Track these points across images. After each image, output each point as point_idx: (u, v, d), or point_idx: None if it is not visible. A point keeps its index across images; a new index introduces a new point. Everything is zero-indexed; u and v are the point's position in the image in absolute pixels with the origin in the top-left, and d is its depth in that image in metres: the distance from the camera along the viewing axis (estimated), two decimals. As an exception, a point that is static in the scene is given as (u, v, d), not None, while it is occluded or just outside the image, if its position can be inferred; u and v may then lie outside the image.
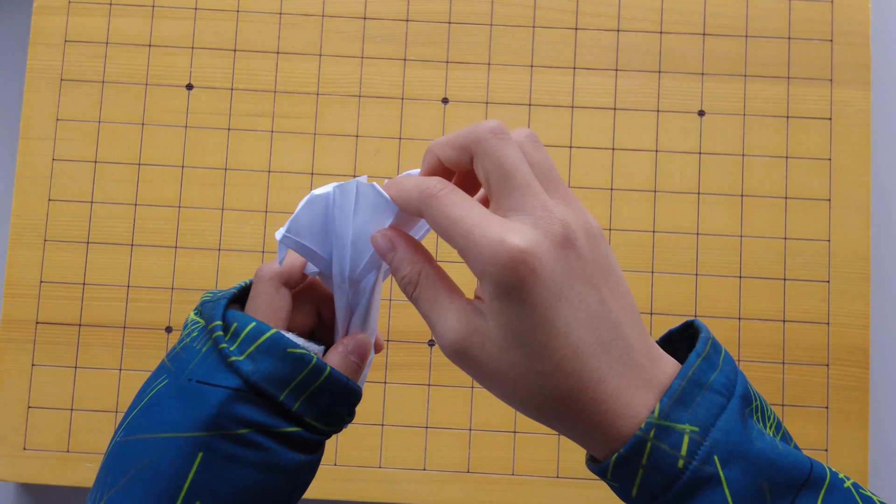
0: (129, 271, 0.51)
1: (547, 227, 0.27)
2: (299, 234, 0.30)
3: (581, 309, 0.27)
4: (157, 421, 0.29)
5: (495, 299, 0.27)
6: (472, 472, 0.49)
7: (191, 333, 0.31)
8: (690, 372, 0.28)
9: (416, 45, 0.53)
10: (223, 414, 0.29)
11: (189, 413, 0.29)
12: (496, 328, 0.27)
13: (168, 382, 0.30)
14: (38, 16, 0.53)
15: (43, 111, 0.52)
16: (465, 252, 0.27)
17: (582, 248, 0.28)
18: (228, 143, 0.52)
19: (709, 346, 0.28)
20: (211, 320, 0.30)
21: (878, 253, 0.55)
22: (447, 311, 0.28)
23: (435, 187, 0.28)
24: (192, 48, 0.53)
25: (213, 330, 0.30)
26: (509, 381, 0.28)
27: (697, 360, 0.28)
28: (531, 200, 0.27)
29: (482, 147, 0.28)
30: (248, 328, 0.30)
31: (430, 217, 0.28)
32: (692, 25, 0.53)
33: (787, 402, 0.50)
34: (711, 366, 0.28)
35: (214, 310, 0.31)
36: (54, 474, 0.50)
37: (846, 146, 0.51)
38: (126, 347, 0.50)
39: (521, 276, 0.26)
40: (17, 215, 0.51)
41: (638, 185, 0.51)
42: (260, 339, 0.30)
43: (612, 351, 0.27)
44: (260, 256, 0.51)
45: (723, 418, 0.27)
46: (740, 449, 0.27)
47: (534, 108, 0.52)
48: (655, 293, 0.51)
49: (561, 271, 0.27)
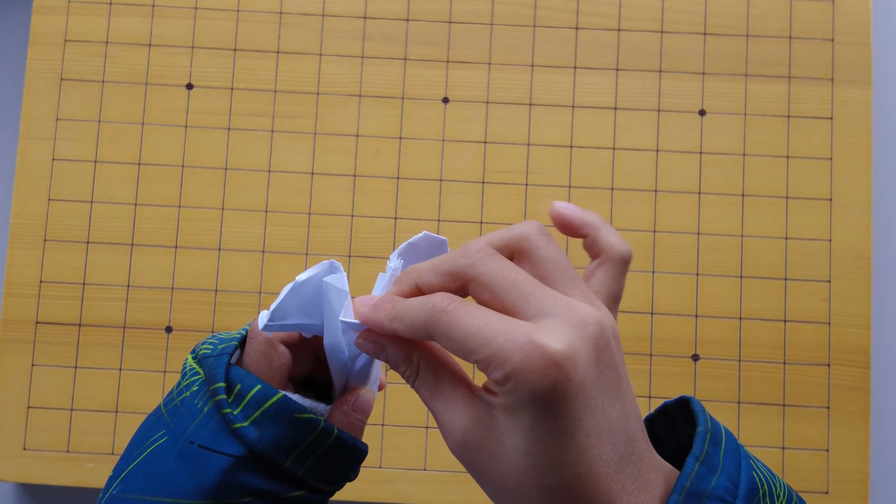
0: (129, 271, 0.51)
1: (582, 329, 0.24)
2: (285, 317, 0.28)
3: (604, 422, 0.24)
4: (157, 483, 0.28)
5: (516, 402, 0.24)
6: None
7: (190, 387, 0.30)
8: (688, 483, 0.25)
9: (417, 45, 0.52)
10: (226, 483, 0.28)
11: (191, 479, 0.27)
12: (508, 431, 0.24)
13: (167, 441, 0.28)
14: (37, 15, 0.53)
15: (43, 111, 0.52)
16: (489, 361, 0.24)
17: (612, 350, 0.25)
18: (228, 142, 0.52)
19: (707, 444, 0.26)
20: (213, 380, 0.29)
21: (879, 253, 0.55)
22: (451, 403, 0.26)
23: (442, 302, 0.25)
24: (192, 48, 0.52)
25: (216, 392, 0.28)
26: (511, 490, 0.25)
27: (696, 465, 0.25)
28: (555, 303, 0.25)
29: (477, 270, 0.25)
30: (252, 391, 0.28)
31: (444, 335, 0.24)
32: (693, 25, 0.52)
33: (787, 402, 0.50)
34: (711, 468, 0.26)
35: (217, 368, 0.29)
36: (54, 474, 0.50)
37: (847, 146, 0.51)
38: (126, 347, 0.50)
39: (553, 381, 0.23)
40: (17, 215, 0.51)
41: (638, 184, 0.51)
42: (266, 405, 0.28)
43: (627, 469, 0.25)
44: (260, 256, 0.51)
45: None
46: None
47: (534, 108, 0.52)
48: (656, 293, 0.50)
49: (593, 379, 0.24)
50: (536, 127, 0.52)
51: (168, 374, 0.50)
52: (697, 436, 0.26)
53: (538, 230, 0.26)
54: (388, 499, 0.48)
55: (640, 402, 0.49)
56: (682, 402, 0.28)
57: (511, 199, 0.51)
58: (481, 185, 0.52)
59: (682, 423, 0.28)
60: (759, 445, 0.49)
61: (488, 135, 0.52)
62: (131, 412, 0.50)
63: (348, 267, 0.51)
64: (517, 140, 0.52)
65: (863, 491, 0.49)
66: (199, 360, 0.30)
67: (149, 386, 0.50)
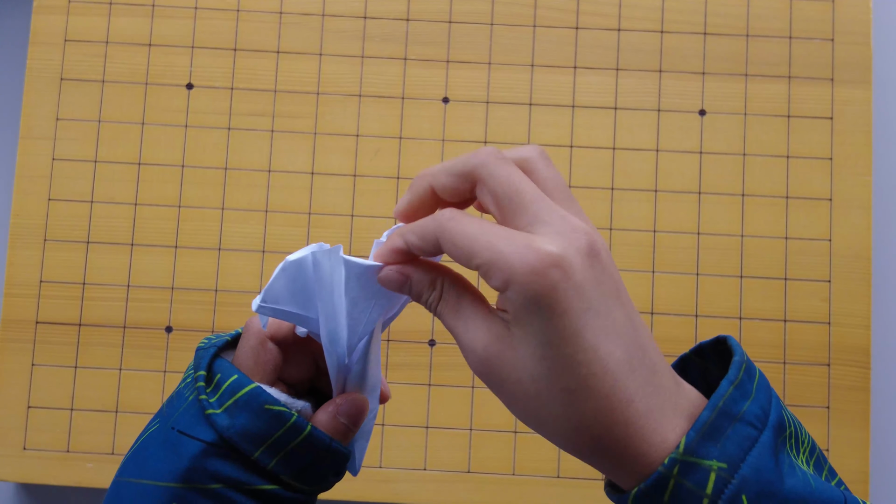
0: (129, 271, 0.51)
1: (573, 237, 0.25)
2: (277, 300, 0.29)
3: (609, 322, 0.25)
4: (142, 466, 0.29)
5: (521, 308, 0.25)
6: (472, 472, 0.49)
7: (185, 379, 0.31)
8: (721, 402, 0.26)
9: (417, 45, 0.52)
10: (196, 468, 0.29)
11: (168, 463, 0.29)
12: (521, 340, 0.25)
13: (158, 428, 0.30)
14: (38, 15, 0.53)
15: (43, 110, 0.52)
16: (490, 265, 0.25)
17: (605, 261, 0.26)
18: (228, 142, 0.52)
19: (742, 372, 0.26)
20: (197, 369, 0.30)
21: (879, 253, 0.55)
22: (472, 321, 0.27)
23: (449, 213, 0.26)
24: (192, 48, 0.52)
25: (197, 379, 0.30)
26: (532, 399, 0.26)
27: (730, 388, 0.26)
28: (550, 213, 0.26)
29: (487, 170, 0.26)
30: (229, 381, 0.29)
31: (450, 240, 0.26)
32: (693, 25, 0.53)
33: (788, 402, 0.50)
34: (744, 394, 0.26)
35: (202, 358, 0.30)
36: (54, 474, 0.50)
37: (847, 146, 0.51)
38: (126, 347, 0.50)
39: (552, 282, 0.25)
40: (17, 215, 0.51)
41: (639, 184, 0.51)
42: (239, 393, 0.29)
43: (640, 370, 0.25)
44: (260, 256, 0.51)
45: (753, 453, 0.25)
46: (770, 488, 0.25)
47: (534, 108, 0.52)
48: (656, 293, 0.50)
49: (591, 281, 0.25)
50: (536, 127, 0.52)
51: (168, 373, 0.50)
52: (733, 364, 0.26)
53: (540, 153, 0.28)
54: (388, 499, 0.48)
55: (640, 402, 0.50)
56: (719, 342, 0.28)
57: (511, 199, 0.51)
58: (481, 185, 0.52)
59: (714, 366, 0.28)
60: (759, 445, 0.49)
61: (488, 135, 0.52)
62: (131, 412, 0.50)
63: (348, 267, 0.51)
64: (517, 140, 0.52)
65: (863, 490, 0.49)
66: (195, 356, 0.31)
67: (149, 386, 0.50)
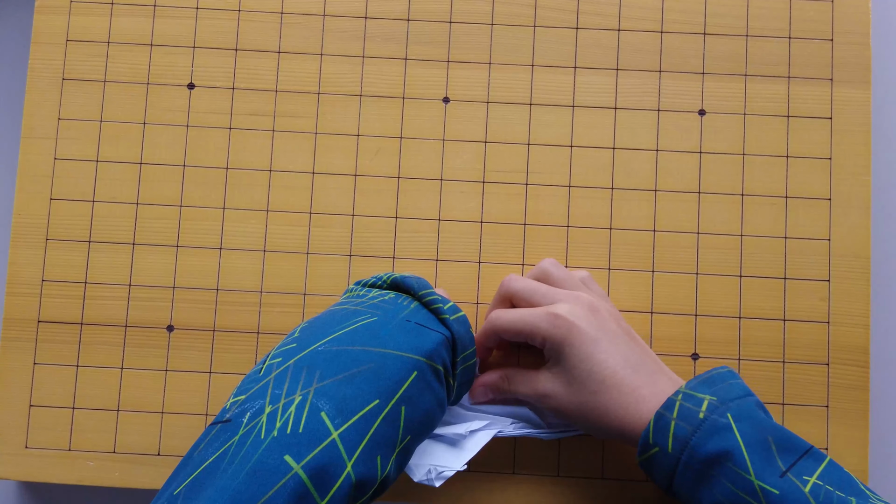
0: (131, 270, 0.51)
1: (577, 302, 0.42)
2: None
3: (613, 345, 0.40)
4: (380, 341, 0.36)
5: (554, 352, 0.41)
6: (472, 472, 0.49)
7: (383, 296, 0.41)
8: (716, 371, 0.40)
9: (417, 45, 0.53)
10: (436, 351, 0.38)
11: (411, 342, 0.37)
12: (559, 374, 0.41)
13: (380, 320, 0.38)
14: (39, 15, 0.53)
15: (45, 110, 0.52)
16: (531, 334, 0.42)
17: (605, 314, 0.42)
18: (230, 142, 0.52)
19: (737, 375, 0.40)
20: (422, 287, 0.41)
21: (878, 252, 0.55)
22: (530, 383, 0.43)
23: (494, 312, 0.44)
24: (194, 47, 0.53)
25: (428, 294, 0.41)
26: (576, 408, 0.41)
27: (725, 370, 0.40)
28: (558, 293, 0.43)
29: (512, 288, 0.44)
30: (449, 303, 0.41)
31: (501, 328, 0.43)
32: (693, 25, 0.53)
33: (787, 402, 0.50)
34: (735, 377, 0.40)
35: (422, 283, 0.42)
36: (56, 473, 0.50)
37: (847, 145, 0.52)
38: (127, 346, 0.51)
39: (566, 328, 0.40)
40: (19, 214, 0.51)
41: (638, 184, 0.52)
42: (459, 314, 0.41)
43: (642, 370, 0.40)
44: (261, 255, 0.51)
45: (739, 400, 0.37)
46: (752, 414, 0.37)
47: (534, 108, 0.52)
48: (655, 292, 0.51)
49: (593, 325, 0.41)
50: (536, 127, 0.52)
51: (169, 372, 0.50)
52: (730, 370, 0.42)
53: (552, 263, 0.46)
54: (388, 498, 0.48)
55: (639, 401, 0.50)
56: None
57: (511, 199, 0.51)
58: (481, 185, 0.52)
59: None
60: (758, 444, 0.49)
61: (488, 135, 0.52)
62: (133, 410, 0.50)
63: (349, 266, 0.51)
64: (517, 140, 0.52)
65: (862, 490, 0.49)
66: (391, 283, 0.42)
67: (150, 384, 0.50)
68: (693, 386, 0.39)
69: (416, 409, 0.36)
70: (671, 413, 0.37)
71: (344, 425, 0.32)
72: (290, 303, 0.51)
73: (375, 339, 0.36)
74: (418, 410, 0.36)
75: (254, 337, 0.51)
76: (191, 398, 0.50)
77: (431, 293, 0.41)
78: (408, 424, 0.35)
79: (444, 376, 0.39)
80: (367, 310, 0.39)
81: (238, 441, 0.31)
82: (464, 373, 0.41)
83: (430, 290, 0.41)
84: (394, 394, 0.35)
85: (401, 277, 0.42)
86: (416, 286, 0.41)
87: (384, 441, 0.34)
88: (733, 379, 0.39)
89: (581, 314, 0.40)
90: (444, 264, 0.51)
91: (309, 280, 0.51)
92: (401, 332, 0.37)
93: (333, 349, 0.35)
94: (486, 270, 0.51)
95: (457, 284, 0.51)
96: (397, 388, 0.35)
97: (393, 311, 0.39)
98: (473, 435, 0.45)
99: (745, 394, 0.38)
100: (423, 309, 0.40)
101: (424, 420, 0.37)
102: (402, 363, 0.36)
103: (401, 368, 0.35)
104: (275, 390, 0.33)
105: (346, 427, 0.32)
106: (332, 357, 0.35)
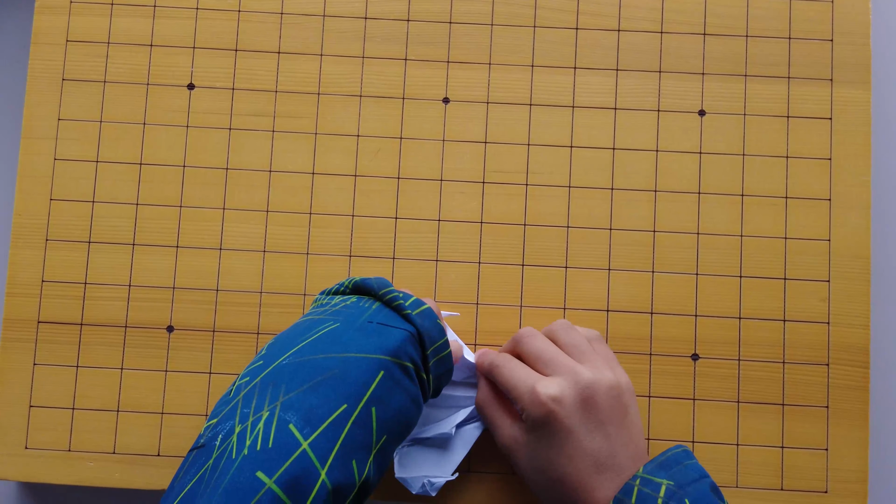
0: (131, 271, 0.51)
1: (571, 383, 0.41)
2: None
3: (586, 443, 0.40)
4: (341, 346, 0.36)
5: (530, 425, 0.41)
6: (472, 472, 0.49)
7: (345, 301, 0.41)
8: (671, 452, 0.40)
9: (417, 45, 0.53)
10: (402, 348, 0.38)
11: (374, 343, 0.37)
12: (527, 444, 0.41)
13: (341, 325, 0.38)
14: (39, 15, 0.53)
15: (45, 111, 0.52)
16: (515, 399, 0.42)
17: (599, 399, 0.41)
18: (229, 142, 0.52)
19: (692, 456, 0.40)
20: (382, 287, 0.41)
21: (878, 252, 0.55)
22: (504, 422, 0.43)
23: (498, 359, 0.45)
24: (194, 48, 0.53)
25: (389, 292, 0.41)
26: (532, 480, 0.42)
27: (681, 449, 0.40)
28: (560, 366, 0.42)
29: (520, 345, 0.45)
30: (412, 298, 0.41)
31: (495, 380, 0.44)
32: (692, 25, 0.53)
33: (787, 402, 0.50)
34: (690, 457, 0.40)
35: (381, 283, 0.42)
36: (56, 473, 0.50)
37: (846, 146, 0.52)
38: (127, 346, 0.51)
39: (546, 413, 0.40)
40: (19, 214, 0.51)
41: (638, 184, 0.52)
42: (422, 307, 0.40)
43: (607, 473, 0.39)
44: (261, 256, 0.51)
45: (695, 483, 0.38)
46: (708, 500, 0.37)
47: (534, 108, 0.52)
48: (655, 293, 0.51)
49: (576, 416, 0.40)
50: (536, 127, 0.52)
51: (169, 373, 0.50)
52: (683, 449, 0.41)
53: (562, 325, 0.45)
54: (388, 498, 0.48)
55: (639, 401, 0.50)
56: None
57: (511, 199, 0.51)
58: (481, 185, 0.52)
59: None
60: (758, 445, 0.49)
61: (488, 135, 0.52)
62: (133, 411, 0.50)
63: (348, 267, 0.51)
64: (517, 140, 0.52)
65: (862, 490, 0.49)
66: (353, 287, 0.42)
67: (150, 385, 0.50)
68: (650, 470, 0.39)
69: (387, 408, 0.36)
70: (629, 499, 0.37)
71: (313, 434, 0.32)
72: (290, 303, 0.51)
73: (337, 344, 0.36)
74: (390, 410, 0.36)
75: (254, 337, 0.51)
76: (191, 399, 0.50)
77: (391, 291, 0.41)
78: (381, 425, 0.35)
79: (414, 372, 0.38)
80: (330, 317, 0.39)
81: (212, 464, 0.32)
82: (438, 365, 0.41)
83: (391, 289, 0.41)
84: (361, 396, 0.35)
85: (361, 280, 0.42)
86: (376, 286, 0.41)
87: (357, 445, 0.34)
88: (688, 460, 0.39)
89: (565, 399, 0.40)
90: (444, 264, 0.51)
91: (309, 280, 0.51)
92: (362, 335, 0.37)
93: (297, 361, 0.35)
94: (486, 270, 0.51)
95: (457, 285, 0.51)
96: (364, 390, 0.35)
97: (355, 315, 0.39)
98: (461, 433, 0.46)
99: (700, 475, 0.39)
100: (385, 308, 0.40)
101: (399, 418, 0.37)
102: (367, 365, 0.36)
103: (366, 370, 0.36)
104: (243, 409, 0.33)
105: (316, 436, 0.32)
106: (296, 369, 0.35)
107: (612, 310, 0.51)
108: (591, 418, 0.40)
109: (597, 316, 0.50)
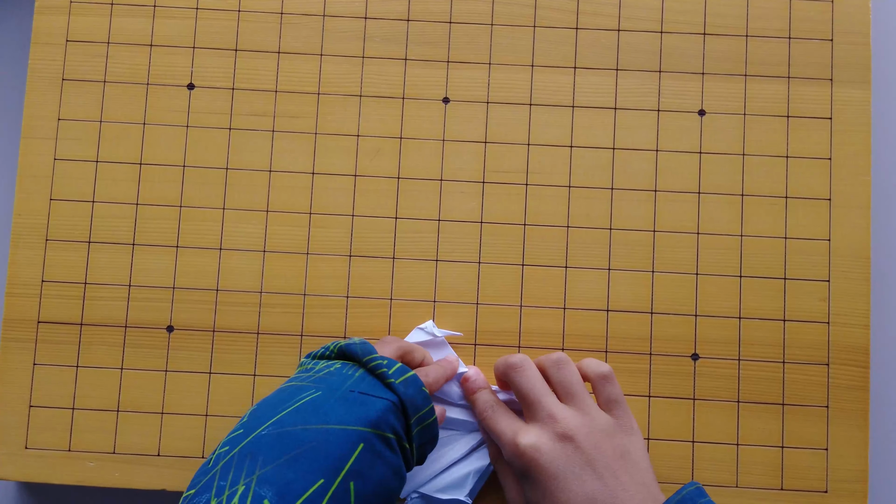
0: (131, 270, 0.51)
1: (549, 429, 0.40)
2: None
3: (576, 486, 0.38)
4: (321, 417, 0.36)
5: (521, 479, 0.41)
6: (472, 471, 0.49)
7: (329, 368, 0.40)
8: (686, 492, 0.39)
9: (417, 45, 0.53)
10: (383, 418, 0.37)
11: (354, 413, 0.36)
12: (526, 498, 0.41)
13: (323, 394, 0.37)
14: (39, 15, 0.53)
15: (44, 111, 0.52)
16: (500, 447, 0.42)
17: (580, 440, 0.40)
18: (229, 142, 0.52)
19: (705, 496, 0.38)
20: (366, 353, 0.40)
21: (878, 252, 0.55)
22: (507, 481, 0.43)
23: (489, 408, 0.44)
24: (194, 48, 0.53)
25: (372, 360, 0.40)
26: None
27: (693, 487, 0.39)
28: (540, 411, 0.41)
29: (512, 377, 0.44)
30: (396, 366, 0.40)
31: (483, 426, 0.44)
32: (692, 25, 0.53)
33: (787, 402, 0.50)
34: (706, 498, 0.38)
35: (370, 350, 0.41)
36: (56, 473, 0.50)
37: (847, 146, 0.52)
38: (127, 346, 0.51)
39: (527, 461, 0.39)
40: (19, 214, 0.51)
41: (638, 184, 0.52)
42: (407, 375, 0.40)
43: None
44: (261, 256, 0.51)
45: None
46: None
47: (534, 108, 0.52)
48: (655, 293, 0.51)
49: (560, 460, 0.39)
50: (536, 127, 0.52)
51: (169, 373, 0.50)
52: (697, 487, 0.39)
53: (555, 361, 0.44)
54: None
55: (639, 401, 0.50)
56: None
57: (511, 199, 0.51)
58: (481, 185, 0.52)
59: None
60: (758, 444, 0.49)
61: (488, 135, 0.52)
62: (133, 411, 0.50)
63: (348, 267, 0.51)
64: (517, 140, 0.52)
65: (862, 490, 0.49)
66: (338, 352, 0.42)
67: (150, 385, 0.50)
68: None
69: (366, 482, 0.35)
70: None
71: None
72: (290, 303, 0.51)
73: (317, 414, 0.36)
74: (369, 483, 0.35)
75: (254, 337, 0.51)
76: (190, 399, 0.50)
77: (375, 359, 0.40)
78: (359, 499, 0.34)
79: (396, 443, 0.37)
80: (313, 384, 0.38)
81: None
82: (422, 434, 0.40)
83: (374, 356, 0.40)
84: (339, 471, 0.34)
85: (346, 345, 0.41)
86: (360, 353, 0.40)
87: None
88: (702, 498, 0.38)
89: (542, 446, 0.39)
90: (444, 264, 0.51)
91: (309, 280, 0.51)
92: (343, 405, 0.37)
93: (276, 432, 0.35)
94: (486, 271, 0.51)
95: (457, 285, 0.51)
96: (342, 464, 0.34)
97: (337, 383, 0.38)
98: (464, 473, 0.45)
99: None
100: (369, 376, 0.39)
101: (379, 491, 0.36)
102: (346, 437, 0.35)
103: (344, 442, 0.35)
104: (220, 482, 0.33)
105: None
106: (275, 440, 0.34)
107: (612, 310, 0.51)
108: (576, 460, 0.39)
109: (597, 316, 0.50)
